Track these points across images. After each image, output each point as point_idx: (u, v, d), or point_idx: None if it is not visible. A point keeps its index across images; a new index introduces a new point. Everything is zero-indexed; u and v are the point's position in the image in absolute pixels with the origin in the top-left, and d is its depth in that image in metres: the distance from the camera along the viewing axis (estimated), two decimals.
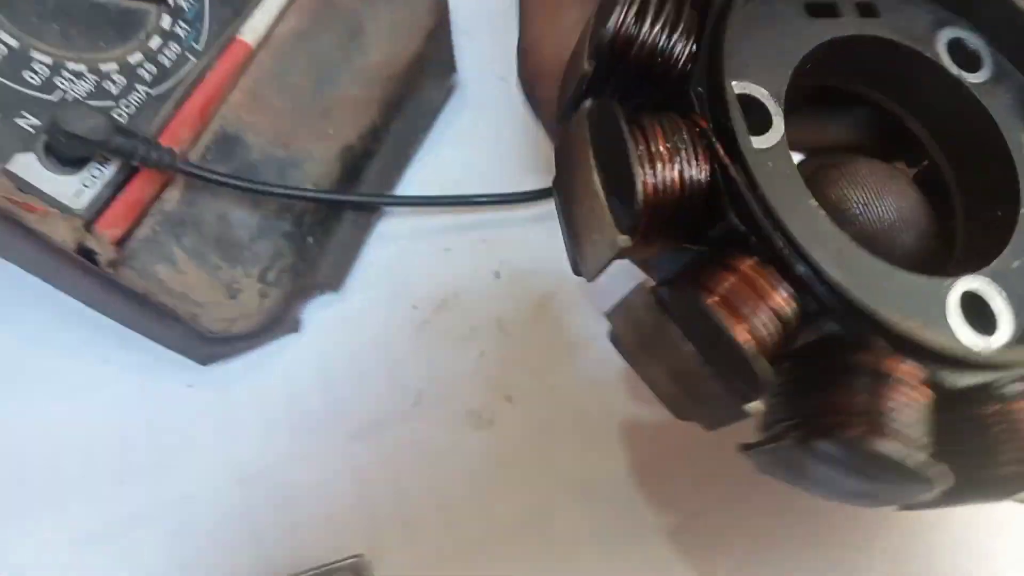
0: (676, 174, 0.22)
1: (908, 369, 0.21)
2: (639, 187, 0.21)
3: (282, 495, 0.36)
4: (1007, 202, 0.25)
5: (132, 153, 0.37)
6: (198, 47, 0.43)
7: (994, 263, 0.24)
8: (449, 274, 0.42)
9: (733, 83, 0.23)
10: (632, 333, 0.23)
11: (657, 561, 0.36)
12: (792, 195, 0.23)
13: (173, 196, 0.40)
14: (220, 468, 0.37)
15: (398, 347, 0.40)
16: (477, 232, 0.43)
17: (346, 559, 0.34)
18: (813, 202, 0.23)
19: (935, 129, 0.28)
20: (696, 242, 0.24)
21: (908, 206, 0.27)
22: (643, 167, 0.21)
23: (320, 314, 0.41)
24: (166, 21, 0.42)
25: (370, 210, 0.43)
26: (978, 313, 0.23)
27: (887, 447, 0.19)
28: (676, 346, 0.21)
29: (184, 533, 0.36)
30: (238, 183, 0.39)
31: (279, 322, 0.40)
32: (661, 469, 0.36)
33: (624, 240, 0.21)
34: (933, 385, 0.21)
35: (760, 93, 0.24)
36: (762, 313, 0.21)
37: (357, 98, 0.46)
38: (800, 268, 0.21)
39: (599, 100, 0.22)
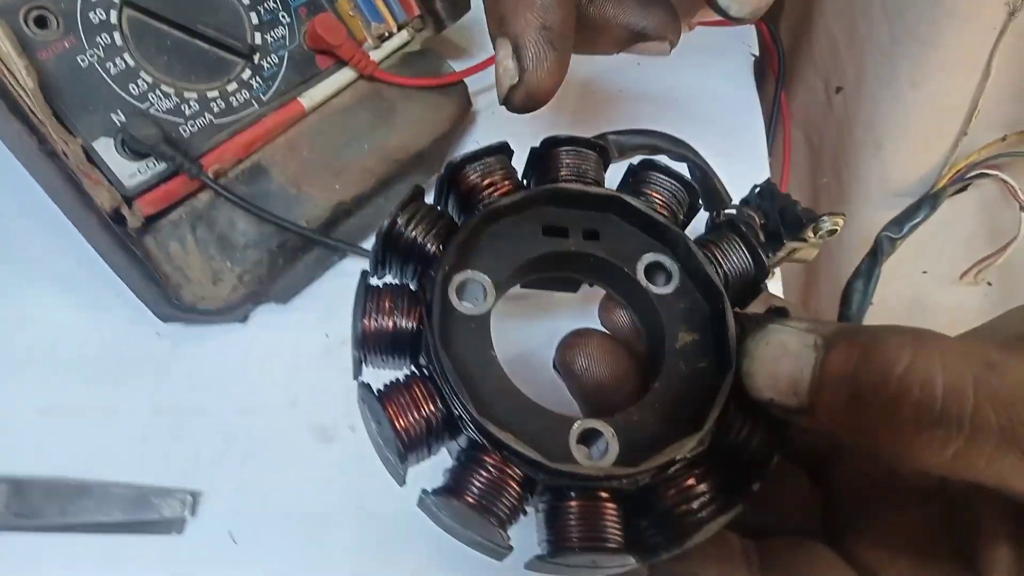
0: (390, 323, 0.33)
1: (503, 467, 0.31)
2: (358, 327, 0.33)
3: (172, 430, 0.49)
4: (654, 376, 0.35)
5: (172, 160, 0.51)
6: (264, 98, 0.57)
7: (619, 414, 0.33)
8: None
9: (468, 270, 0.34)
10: (360, 410, 0.34)
11: None
12: (478, 346, 0.33)
13: (204, 198, 0.55)
14: (147, 396, 0.51)
15: (302, 360, 0.52)
16: None
17: (185, 489, 0.47)
18: (493, 353, 0.33)
19: (636, 314, 0.38)
20: (415, 366, 0.34)
21: (619, 374, 0.37)
22: (365, 317, 0.33)
23: (264, 315, 0.54)
24: (247, 74, 0.57)
25: (331, 250, 0.56)
26: (593, 442, 0.33)
27: (458, 507, 0.30)
28: (370, 422, 0.32)
29: (110, 427, 0.49)
30: (240, 202, 0.53)
31: (233, 311, 0.53)
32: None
33: (356, 355, 0.33)
34: (532, 478, 0.31)
35: (483, 280, 0.34)
36: (414, 414, 0.32)
37: (365, 168, 0.58)
38: (448, 394, 0.31)
39: (363, 271, 0.35)
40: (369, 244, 0.58)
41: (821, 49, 0.78)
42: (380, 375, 0.34)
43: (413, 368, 0.34)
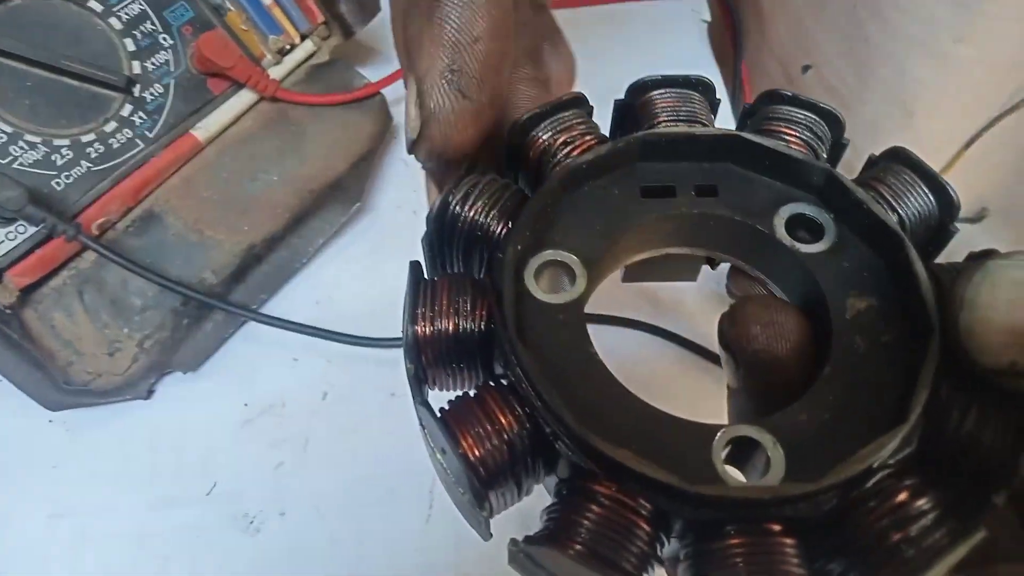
0: (450, 325, 0.26)
1: (623, 498, 0.22)
2: (409, 333, 0.26)
3: (76, 536, 0.43)
4: (819, 362, 0.26)
5: (43, 222, 0.44)
6: (150, 135, 0.50)
7: (777, 415, 0.25)
8: (287, 383, 0.47)
9: (548, 250, 0.27)
10: (424, 442, 0.26)
11: None
12: (572, 343, 0.26)
13: (89, 257, 0.48)
14: (43, 497, 0.44)
15: (219, 436, 0.45)
16: (324, 352, 0.48)
17: None
18: (592, 350, 0.26)
19: (779, 286, 0.30)
20: (489, 377, 0.27)
21: (806, 352, 0.28)
22: (419, 320, 0.26)
23: (171, 388, 0.47)
24: (127, 109, 0.49)
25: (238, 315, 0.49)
26: (747, 456, 0.24)
27: (563, 560, 0.22)
28: (435, 454, 0.25)
29: (2, 538, 0.43)
30: (126, 264, 0.46)
31: (134, 387, 0.46)
32: None
33: (410, 370, 0.26)
34: (665, 512, 0.23)
35: (569, 259, 0.27)
36: (491, 435, 0.24)
37: (276, 203, 0.51)
38: (533, 403, 0.24)
39: (413, 262, 0.27)
40: (281, 299, 0.51)
41: (775, 28, 0.72)
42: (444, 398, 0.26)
43: (489, 383, 0.26)
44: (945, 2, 0.58)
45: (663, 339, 0.49)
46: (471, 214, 0.27)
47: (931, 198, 0.28)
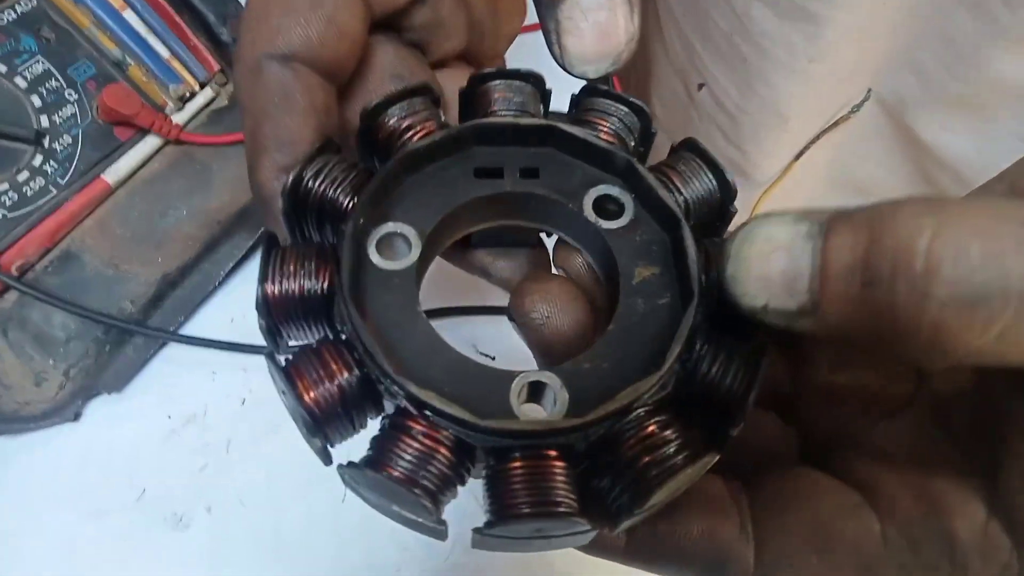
0: (295, 286, 0.29)
1: (430, 431, 0.27)
2: (259, 292, 0.29)
3: (15, 555, 0.45)
4: (607, 320, 0.31)
5: None
6: (62, 182, 0.54)
7: (568, 363, 0.29)
8: (207, 393, 0.51)
9: (389, 223, 0.31)
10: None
11: None
12: (402, 304, 0.30)
13: (11, 297, 0.51)
14: None
15: (145, 448, 0.49)
16: (240, 362, 0.52)
17: None
18: (419, 310, 0.30)
19: (589, 254, 0.34)
20: (333, 331, 0.30)
21: (583, 322, 0.33)
22: (268, 280, 0.29)
23: (98, 409, 0.50)
24: (38, 160, 0.53)
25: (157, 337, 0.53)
26: (541, 397, 0.29)
27: (376, 478, 0.26)
28: (282, 396, 0.28)
29: None
30: (46, 298, 0.50)
31: (62, 411, 0.50)
32: None
33: (262, 324, 0.29)
34: (467, 443, 0.27)
35: (407, 231, 0.31)
36: (324, 380, 0.27)
37: (187, 235, 0.56)
38: (361, 354, 0.28)
39: (268, 230, 0.31)
40: (198, 320, 0.55)
41: (675, 49, 0.81)
42: None
43: (328, 336, 0.30)
44: (798, 32, 0.69)
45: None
46: (321, 188, 0.31)
47: (714, 182, 0.33)
